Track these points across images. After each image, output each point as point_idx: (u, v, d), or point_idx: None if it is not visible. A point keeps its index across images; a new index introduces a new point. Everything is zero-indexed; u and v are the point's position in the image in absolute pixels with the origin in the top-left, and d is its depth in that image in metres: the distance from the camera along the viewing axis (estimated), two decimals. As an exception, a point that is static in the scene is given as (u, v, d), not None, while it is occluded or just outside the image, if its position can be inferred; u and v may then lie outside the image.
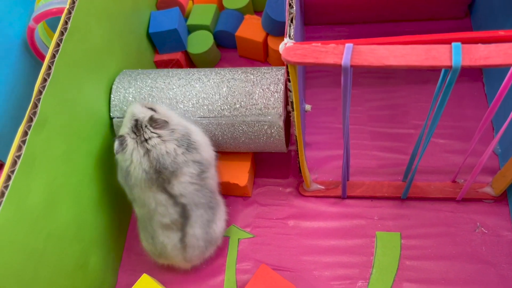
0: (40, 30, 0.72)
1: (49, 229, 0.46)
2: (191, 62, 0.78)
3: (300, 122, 0.51)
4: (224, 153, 0.64)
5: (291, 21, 0.47)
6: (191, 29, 0.77)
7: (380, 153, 0.66)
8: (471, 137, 0.64)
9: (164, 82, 0.59)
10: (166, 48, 0.74)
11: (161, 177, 0.51)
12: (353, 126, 0.69)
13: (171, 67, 0.75)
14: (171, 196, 0.52)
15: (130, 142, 0.51)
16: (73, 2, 0.52)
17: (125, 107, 0.58)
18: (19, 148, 0.43)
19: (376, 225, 0.60)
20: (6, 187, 0.41)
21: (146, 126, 0.51)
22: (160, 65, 0.75)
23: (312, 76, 0.75)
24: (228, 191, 0.64)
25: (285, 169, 0.67)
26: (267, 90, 0.56)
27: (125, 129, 0.52)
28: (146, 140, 0.51)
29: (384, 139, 0.67)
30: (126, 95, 0.59)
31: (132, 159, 0.50)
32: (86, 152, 0.54)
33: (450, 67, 0.38)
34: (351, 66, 0.40)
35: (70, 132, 0.51)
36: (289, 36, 0.46)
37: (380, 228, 0.60)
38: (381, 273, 0.57)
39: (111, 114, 0.59)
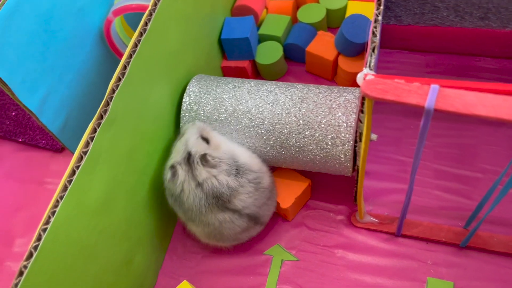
0: (117, 23, 0.73)
1: (102, 225, 0.47)
2: (257, 71, 0.77)
3: (366, 155, 0.49)
4: (284, 171, 0.62)
5: (373, 51, 0.45)
6: (261, 39, 0.76)
7: (442, 194, 0.62)
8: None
9: (237, 92, 0.58)
10: (235, 55, 0.74)
11: (221, 199, 0.52)
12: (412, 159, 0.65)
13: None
14: (235, 211, 0.53)
15: (181, 173, 0.52)
16: (155, 4, 0.53)
17: (196, 109, 0.58)
18: (87, 144, 0.43)
19: (428, 270, 0.57)
20: (70, 181, 0.41)
21: (197, 163, 0.52)
22: (226, 71, 0.75)
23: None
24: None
25: (340, 195, 0.64)
26: (341, 111, 0.54)
27: (177, 158, 0.53)
28: (197, 174, 0.52)
29: (449, 179, 0.63)
30: (199, 99, 0.59)
31: (183, 189, 0.52)
32: (147, 152, 0.54)
33: (546, 126, 0.35)
34: (435, 109, 0.37)
35: (136, 132, 0.51)
36: (369, 66, 0.44)
37: (433, 274, 0.57)
38: (427, 323, 0.54)
39: (181, 116, 0.59)
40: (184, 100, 0.59)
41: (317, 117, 0.54)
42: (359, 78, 0.42)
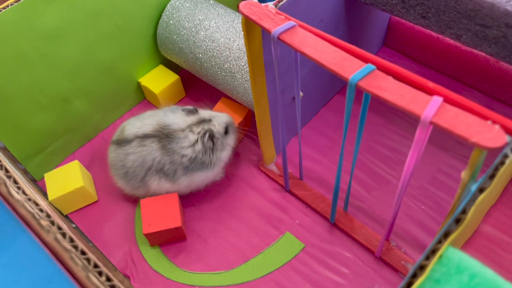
0: None
1: (47, 50, 0.59)
2: None
3: (256, 91, 0.54)
4: (228, 102, 0.70)
5: (288, -5, 0.50)
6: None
7: (347, 179, 0.65)
8: (443, 206, 0.60)
9: (211, 10, 0.67)
10: None
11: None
12: (349, 145, 0.68)
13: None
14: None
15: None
16: None
17: (176, 16, 0.68)
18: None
19: (292, 227, 0.61)
20: (25, -2, 0.54)
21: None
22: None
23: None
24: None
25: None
26: None
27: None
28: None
29: (363, 170, 0.65)
30: (182, 6, 0.68)
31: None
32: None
33: (347, 79, 0.38)
34: (278, 38, 0.42)
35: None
36: (275, 4, 0.50)
37: (293, 232, 0.61)
38: (257, 264, 0.58)
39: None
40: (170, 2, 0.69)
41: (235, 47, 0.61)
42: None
